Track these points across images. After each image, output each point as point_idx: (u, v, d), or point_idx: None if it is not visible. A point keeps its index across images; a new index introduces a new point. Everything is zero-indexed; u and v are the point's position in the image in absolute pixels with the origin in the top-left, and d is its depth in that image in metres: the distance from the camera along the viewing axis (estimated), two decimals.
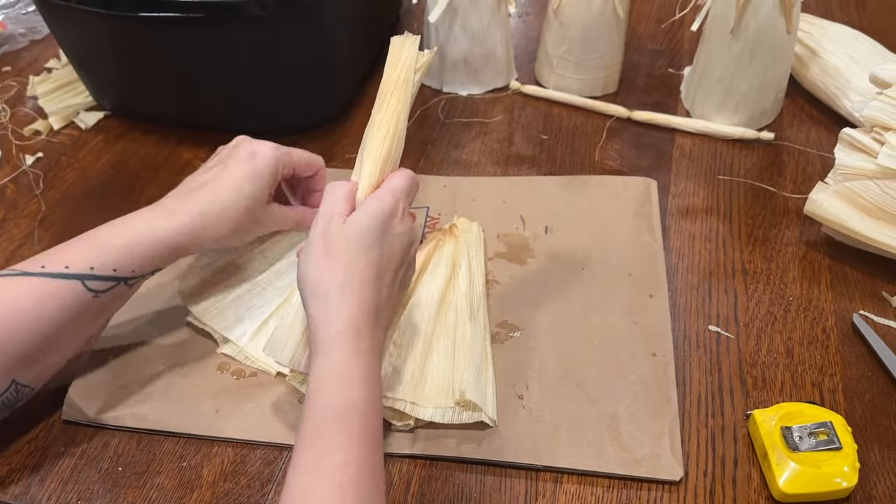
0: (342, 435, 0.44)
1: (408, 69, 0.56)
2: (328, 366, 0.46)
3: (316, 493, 0.42)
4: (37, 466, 0.56)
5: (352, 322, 0.47)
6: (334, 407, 0.45)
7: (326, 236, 0.50)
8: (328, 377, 0.46)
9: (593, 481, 0.54)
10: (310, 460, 0.43)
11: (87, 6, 0.73)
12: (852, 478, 0.51)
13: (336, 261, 0.49)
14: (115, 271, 0.52)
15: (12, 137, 0.87)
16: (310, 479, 0.42)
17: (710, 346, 0.63)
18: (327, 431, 0.44)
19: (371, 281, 0.49)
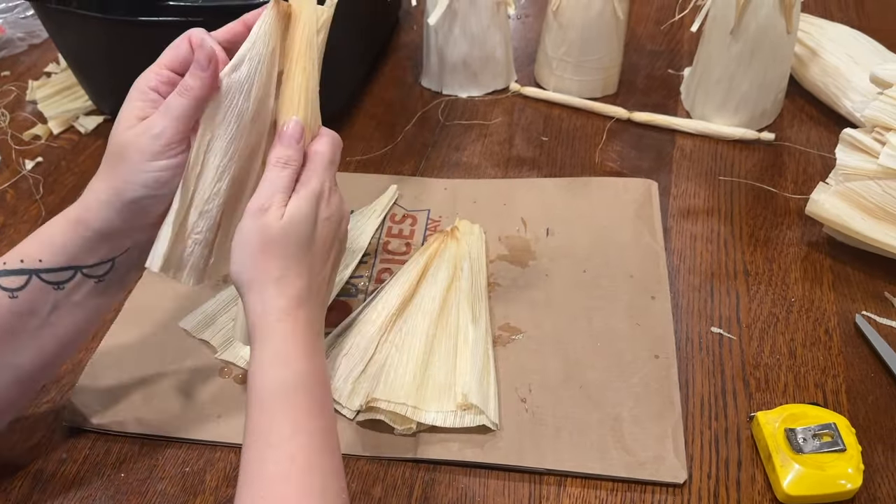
0: (288, 409, 0.45)
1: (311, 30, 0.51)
2: (267, 350, 0.47)
3: (268, 464, 0.43)
4: (39, 472, 0.56)
5: (287, 310, 0.48)
6: (276, 385, 0.46)
7: (264, 232, 0.48)
8: (267, 360, 0.47)
9: (597, 484, 0.54)
10: (260, 437, 0.44)
11: (85, 10, 0.73)
12: (857, 479, 0.51)
13: (273, 257, 0.48)
14: (22, 262, 0.48)
15: (12, 142, 0.87)
16: (261, 452, 0.44)
17: (712, 348, 0.63)
18: (272, 408, 0.45)
19: (306, 271, 0.50)
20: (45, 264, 0.48)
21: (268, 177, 0.49)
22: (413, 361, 0.58)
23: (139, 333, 0.64)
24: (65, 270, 0.49)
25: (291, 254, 0.49)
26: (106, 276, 0.51)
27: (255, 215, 0.48)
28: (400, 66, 0.99)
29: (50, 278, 0.49)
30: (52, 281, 0.49)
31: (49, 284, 0.49)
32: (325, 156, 0.51)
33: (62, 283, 0.49)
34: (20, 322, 0.49)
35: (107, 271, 0.51)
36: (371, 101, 0.92)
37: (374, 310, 0.62)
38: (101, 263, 0.50)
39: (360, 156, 0.84)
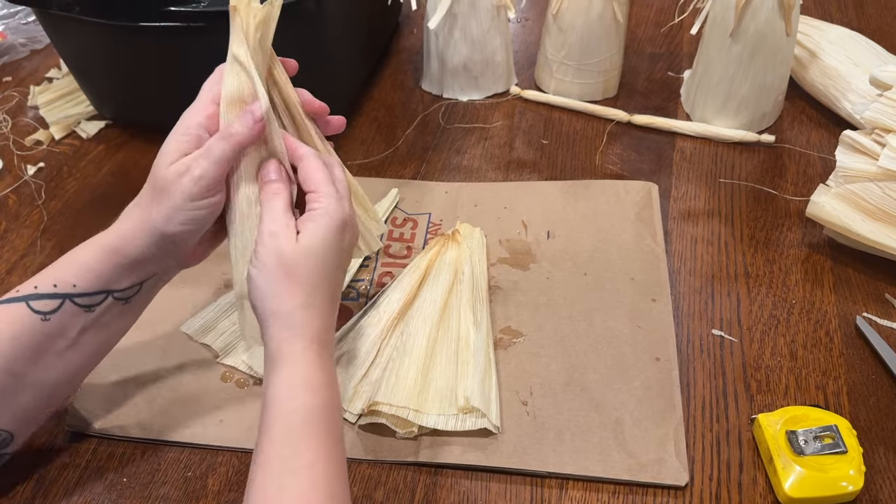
0: (312, 436, 0.45)
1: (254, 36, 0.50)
2: (295, 376, 0.47)
3: (291, 488, 0.43)
4: (41, 477, 0.56)
5: (315, 338, 0.48)
6: (302, 411, 0.46)
7: (281, 257, 0.48)
8: (295, 385, 0.47)
9: (599, 487, 0.54)
10: (280, 462, 0.44)
11: (87, 16, 0.73)
12: (858, 481, 0.51)
13: (297, 284, 0.48)
14: (56, 287, 0.49)
15: (14, 148, 0.87)
16: (280, 479, 0.44)
17: (713, 350, 0.63)
18: (296, 434, 0.45)
19: (331, 298, 0.50)
20: (79, 289, 0.49)
21: (266, 208, 0.50)
22: (415, 365, 0.59)
23: (141, 338, 0.64)
24: (97, 294, 0.50)
25: (314, 282, 0.49)
26: (132, 298, 0.52)
27: (266, 241, 0.48)
28: (400, 70, 0.99)
29: (82, 302, 0.50)
30: (84, 304, 0.50)
31: (81, 307, 0.50)
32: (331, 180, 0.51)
33: (93, 307, 0.50)
34: (50, 343, 0.50)
35: (134, 294, 0.52)
36: (372, 105, 0.93)
37: (376, 314, 0.62)
38: (132, 287, 0.52)
39: (360, 159, 0.84)
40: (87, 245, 0.50)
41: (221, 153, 0.49)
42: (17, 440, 0.52)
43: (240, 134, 0.49)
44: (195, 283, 0.68)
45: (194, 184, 0.48)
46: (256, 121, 0.49)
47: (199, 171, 0.48)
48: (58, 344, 0.50)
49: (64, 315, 0.49)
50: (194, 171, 0.48)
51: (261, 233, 0.49)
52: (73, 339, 0.50)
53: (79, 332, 0.50)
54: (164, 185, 0.49)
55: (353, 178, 0.56)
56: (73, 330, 0.50)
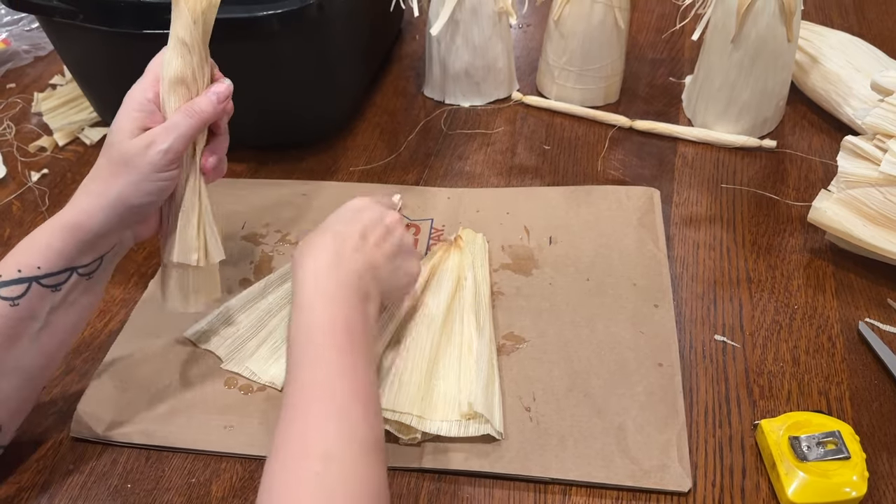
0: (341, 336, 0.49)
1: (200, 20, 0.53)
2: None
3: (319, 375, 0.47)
4: (46, 484, 0.56)
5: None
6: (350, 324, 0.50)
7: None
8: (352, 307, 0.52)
9: (602, 493, 0.54)
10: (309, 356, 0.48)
11: (90, 23, 0.73)
12: (861, 487, 0.51)
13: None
14: (21, 272, 0.50)
15: (17, 154, 0.88)
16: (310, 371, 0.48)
17: (716, 356, 0.63)
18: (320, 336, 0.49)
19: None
20: (44, 270, 0.51)
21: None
22: (418, 371, 0.59)
23: (144, 345, 0.64)
24: (62, 273, 0.51)
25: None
26: (94, 273, 0.54)
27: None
28: (403, 77, 0.99)
29: (48, 282, 0.51)
30: (50, 284, 0.51)
31: (47, 288, 0.51)
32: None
33: (59, 285, 0.52)
34: (22, 327, 0.51)
35: (97, 268, 0.54)
36: (374, 111, 0.93)
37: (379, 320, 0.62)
38: (94, 262, 0.53)
39: (363, 166, 0.84)
40: (45, 226, 0.51)
41: (188, 128, 0.53)
42: (6, 430, 0.53)
43: (205, 112, 0.53)
44: None
45: (162, 156, 0.51)
46: (220, 101, 0.54)
47: (167, 144, 0.51)
48: (30, 327, 0.51)
49: (32, 298, 0.50)
50: (160, 144, 0.51)
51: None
52: (44, 321, 0.52)
53: (48, 313, 0.52)
54: (127, 158, 0.51)
55: (205, 190, 0.57)
56: (42, 311, 0.51)
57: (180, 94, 0.53)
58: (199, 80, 0.54)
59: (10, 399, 0.52)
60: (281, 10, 0.70)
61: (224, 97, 0.55)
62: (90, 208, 0.51)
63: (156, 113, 0.53)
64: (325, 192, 0.80)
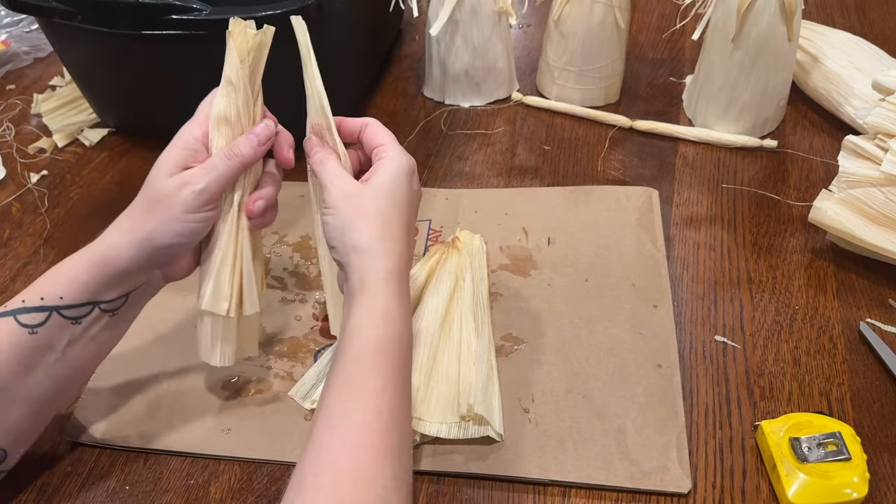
0: (382, 365, 0.47)
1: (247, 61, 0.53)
2: (373, 306, 0.49)
3: (356, 414, 0.45)
4: (44, 486, 0.56)
5: (392, 270, 0.50)
6: (377, 341, 0.48)
7: (351, 197, 0.51)
8: (375, 315, 0.49)
9: (601, 495, 0.54)
10: (350, 386, 0.46)
11: (89, 25, 0.73)
12: (862, 488, 0.51)
13: (370, 218, 0.50)
14: (43, 300, 0.49)
15: (17, 156, 0.88)
16: (350, 400, 0.45)
17: (716, 357, 0.62)
18: (369, 361, 0.47)
19: (404, 234, 0.52)
20: (66, 301, 0.50)
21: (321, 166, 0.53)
22: (416, 373, 0.58)
23: (142, 348, 0.64)
24: (84, 306, 0.50)
25: (388, 214, 0.51)
26: (119, 310, 0.53)
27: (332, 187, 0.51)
28: (402, 77, 0.99)
29: (69, 314, 0.50)
30: (71, 316, 0.50)
31: (68, 319, 0.50)
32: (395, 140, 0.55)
33: (80, 318, 0.51)
34: (38, 356, 0.50)
35: (121, 305, 0.53)
36: (374, 112, 0.93)
37: None
38: (119, 298, 0.52)
39: None
40: (74, 258, 0.51)
41: (226, 170, 0.51)
42: (11, 457, 0.52)
43: (245, 155, 0.52)
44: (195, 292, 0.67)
45: (195, 197, 0.50)
46: (261, 143, 0.52)
47: (202, 184, 0.50)
48: (46, 357, 0.50)
49: (51, 328, 0.49)
50: (196, 184, 0.50)
51: (325, 184, 0.52)
52: (60, 353, 0.51)
53: (66, 345, 0.51)
54: (161, 197, 0.50)
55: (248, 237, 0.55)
56: (60, 343, 0.50)
57: (224, 134, 0.52)
58: (245, 119, 0.53)
59: (19, 427, 0.51)
60: (279, 11, 0.70)
61: (265, 139, 0.53)
62: (119, 244, 0.50)
63: (201, 152, 0.52)
64: None
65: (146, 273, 0.52)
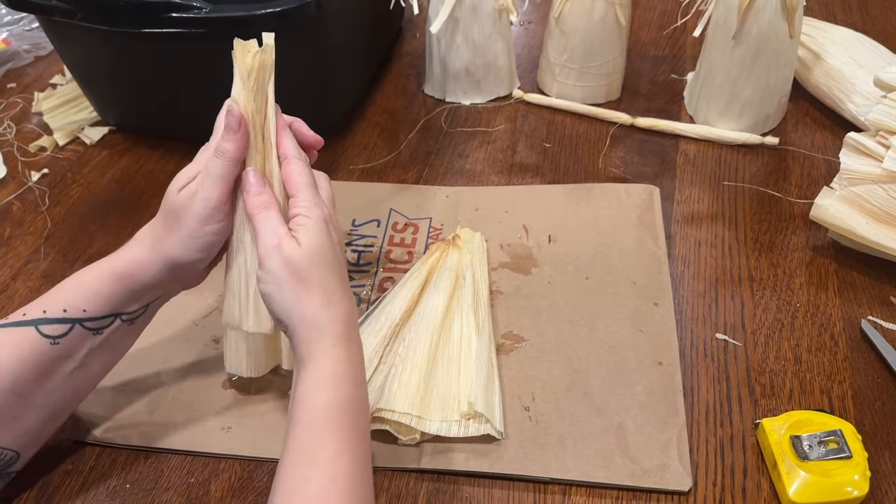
0: (334, 431, 0.46)
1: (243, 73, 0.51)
2: (320, 372, 0.47)
3: (311, 483, 0.44)
4: (45, 484, 0.56)
5: (339, 334, 0.49)
6: (326, 406, 0.46)
7: (291, 265, 0.48)
8: (322, 381, 0.47)
9: (602, 493, 0.54)
10: (303, 454, 0.45)
11: (90, 23, 0.73)
12: (863, 486, 0.51)
13: (312, 286, 0.48)
14: (66, 312, 0.49)
15: (18, 154, 0.88)
16: (303, 470, 0.44)
17: (717, 355, 0.62)
18: (320, 428, 0.46)
19: (345, 288, 0.51)
20: (90, 314, 0.50)
21: (260, 223, 0.50)
22: (417, 371, 0.58)
23: (143, 347, 0.64)
24: (107, 318, 0.51)
25: (326, 279, 0.49)
26: (138, 319, 0.53)
27: (271, 254, 0.48)
28: (403, 75, 0.99)
29: (92, 325, 0.51)
30: (93, 328, 0.51)
31: (89, 331, 0.51)
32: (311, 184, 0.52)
33: (102, 329, 0.51)
34: (57, 365, 0.50)
35: (140, 314, 0.53)
36: (374, 110, 0.93)
37: (377, 320, 0.62)
38: (140, 309, 0.53)
39: (363, 164, 0.84)
40: (96, 269, 0.51)
41: (218, 169, 0.50)
42: (23, 459, 0.53)
43: (227, 150, 0.50)
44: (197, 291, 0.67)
45: (203, 205, 0.49)
46: (234, 130, 0.50)
47: (204, 191, 0.49)
48: (65, 366, 0.51)
49: (73, 339, 0.50)
50: (200, 192, 0.49)
51: (264, 248, 0.49)
52: (80, 361, 0.51)
53: (86, 355, 0.51)
54: (176, 213, 0.50)
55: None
56: (80, 352, 0.51)
57: None
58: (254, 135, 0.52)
59: (34, 431, 0.52)
60: (279, 9, 0.70)
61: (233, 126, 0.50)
62: (144, 260, 0.51)
63: None
64: None
65: (167, 286, 0.53)
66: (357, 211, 0.77)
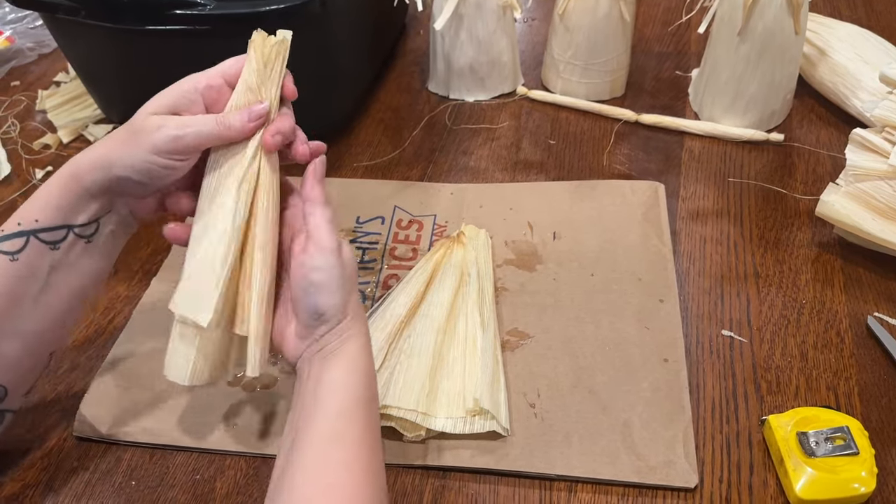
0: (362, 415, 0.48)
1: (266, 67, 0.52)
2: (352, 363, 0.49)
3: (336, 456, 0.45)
4: (51, 482, 0.56)
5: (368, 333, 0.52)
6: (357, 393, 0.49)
7: (344, 266, 0.50)
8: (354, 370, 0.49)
9: (608, 490, 0.54)
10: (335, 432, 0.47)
11: (93, 20, 0.73)
12: (870, 483, 0.51)
13: (352, 287, 0.51)
14: (20, 225, 0.50)
15: (22, 152, 0.88)
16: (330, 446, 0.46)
17: (723, 351, 0.62)
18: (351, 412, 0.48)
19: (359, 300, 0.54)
20: (42, 224, 0.50)
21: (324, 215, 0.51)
22: (422, 368, 0.58)
23: (147, 343, 0.64)
24: (59, 230, 0.51)
25: (355, 287, 0.52)
26: (93, 236, 0.53)
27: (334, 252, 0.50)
28: (407, 72, 0.99)
29: (46, 237, 0.51)
30: (49, 240, 0.51)
31: (45, 244, 0.51)
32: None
33: (57, 243, 0.51)
34: (22, 286, 0.50)
35: (94, 231, 0.53)
36: (378, 107, 0.92)
37: (382, 317, 0.62)
38: (90, 223, 0.52)
39: (367, 161, 0.84)
40: (49, 180, 0.51)
41: (207, 130, 0.50)
42: (13, 395, 0.53)
43: (232, 126, 0.50)
44: None
45: (166, 141, 0.49)
46: (251, 119, 0.51)
47: (178, 131, 0.49)
48: (31, 287, 0.51)
49: (31, 254, 0.50)
50: (171, 130, 0.49)
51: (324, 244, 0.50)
52: (44, 281, 0.51)
53: (48, 272, 0.51)
54: (136, 130, 0.50)
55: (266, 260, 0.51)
56: (42, 270, 0.51)
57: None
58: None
59: (15, 363, 0.52)
60: (284, 6, 0.70)
61: (255, 116, 0.51)
62: (88, 164, 0.51)
63: (197, 104, 0.51)
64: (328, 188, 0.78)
65: (108, 199, 0.52)
66: (361, 208, 0.77)
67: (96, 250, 0.54)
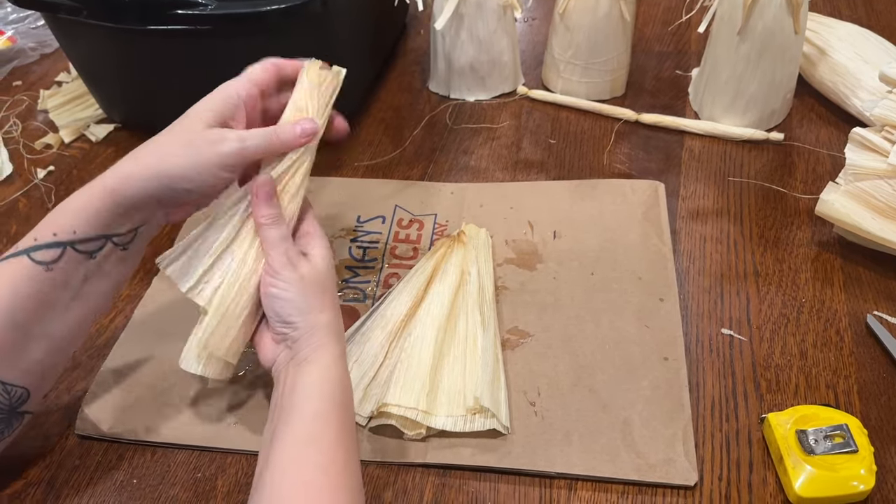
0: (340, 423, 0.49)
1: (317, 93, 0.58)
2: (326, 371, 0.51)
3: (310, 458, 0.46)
4: (52, 480, 0.56)
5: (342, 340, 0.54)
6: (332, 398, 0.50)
7: (303, 281, 0.52)
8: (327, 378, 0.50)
9: (608, 487, 0.54)
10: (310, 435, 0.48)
11: (95, 20, 0.73)
12: (869, 481, 0.51)
13: (323, 302, 0.52)
14: (56, 235, 0.49)
15: (24, 151, 0.88)
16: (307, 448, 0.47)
17: (722, 350, 0.62)
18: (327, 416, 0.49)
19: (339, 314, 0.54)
20: (80, 235, 0.50)
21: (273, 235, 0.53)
22: (423, 366, 0.59)
23: (149, 341, 0.65)
24: (97, 240, 0.51)
25: (330, 303, 0.53)
26: (129, 244, 0.53)
27: (288, 268, 0.51)
28: (407, 71, 0.99)
29: (83, 248, 0.50)
30: (86, 251, 0.50)
31: (82, 254, 0.50)
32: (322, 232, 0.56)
33: (94, 253, 0.51)
34: (55, 294, 0.50)
35: (132, 239, 0.53)
36: (379, 106, 0.93)
37: (383, 316, 0.62)
38: (129, 232, 0.53)
39: (368, 161, 0.84)
40: (88, 186, 0.51)
41: (257, 146, 0.52)
42: (34, 397, 0.53)
43: (284, 141, 0.54)
44: None
45: (232, 153, 0.51)
46: (300, 135, 0.54)
47: (241, 144, 0.51)
48: (63, 295, 0.50)
49: (66, 264, 0.50)
50: (235, 143, 0.51)
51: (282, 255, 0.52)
52: (76, 290, 0.51)
53: (82, 282, 0.51)
54: (192, 141, 0.51)
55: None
56: (76, 279, 0.51)
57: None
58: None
59: (39, 365, 0.52)
60: (285, 5, 0.70)
61: (308, 133, 0.54)
62: (132, 174, 0.51)
63: (241, 109, 0.54)
64: (330, 188, 0.80)
65: (152, 210, 0.53)
66: (362, 207, 0.77)
67: (129, 256, 0.54)
